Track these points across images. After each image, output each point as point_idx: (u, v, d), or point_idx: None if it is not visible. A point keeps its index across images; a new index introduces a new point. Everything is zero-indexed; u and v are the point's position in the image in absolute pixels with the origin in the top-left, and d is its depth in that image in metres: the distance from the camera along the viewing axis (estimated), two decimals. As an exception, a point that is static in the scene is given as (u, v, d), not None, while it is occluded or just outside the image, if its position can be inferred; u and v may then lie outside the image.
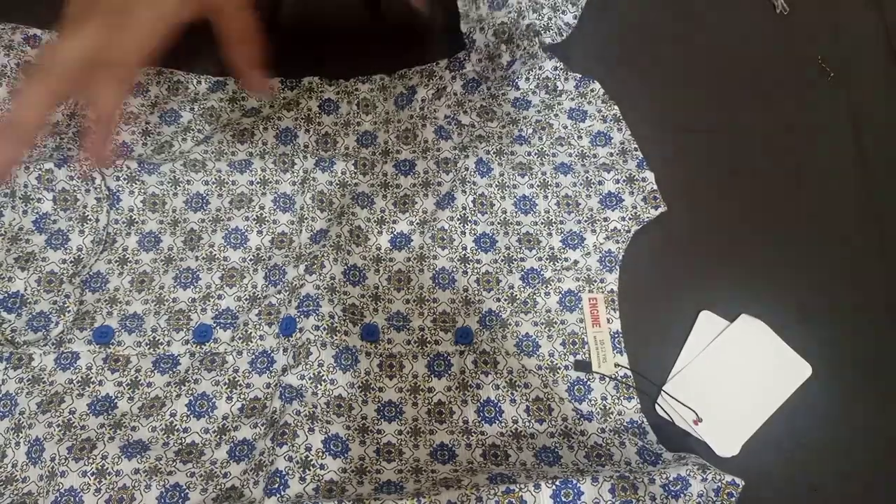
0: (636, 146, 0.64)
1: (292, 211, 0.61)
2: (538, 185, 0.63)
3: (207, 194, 0.61)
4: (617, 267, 0.60)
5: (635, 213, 0.62)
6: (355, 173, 0.63)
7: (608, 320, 0.58)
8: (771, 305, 0.59)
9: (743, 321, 0.58)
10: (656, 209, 0.62)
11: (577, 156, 0.65)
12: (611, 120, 0.66)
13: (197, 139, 0.63)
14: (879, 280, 0.61)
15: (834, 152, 0.66)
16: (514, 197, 0.63)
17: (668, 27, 0.71)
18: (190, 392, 0.54)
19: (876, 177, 0.65)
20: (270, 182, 0.62)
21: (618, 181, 0.63)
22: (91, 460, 0.51)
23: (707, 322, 0.58)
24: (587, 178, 0.63)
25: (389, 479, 0.51)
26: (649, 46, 0.70)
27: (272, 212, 0.61)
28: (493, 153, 0.64)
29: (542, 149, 0.65)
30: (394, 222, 0.61)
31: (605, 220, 0.62)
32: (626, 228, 0.61)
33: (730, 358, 0.57)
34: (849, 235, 0.63)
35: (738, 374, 0.57)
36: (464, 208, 0.62)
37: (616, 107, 0.66)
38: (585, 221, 0.62)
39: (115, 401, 0.54)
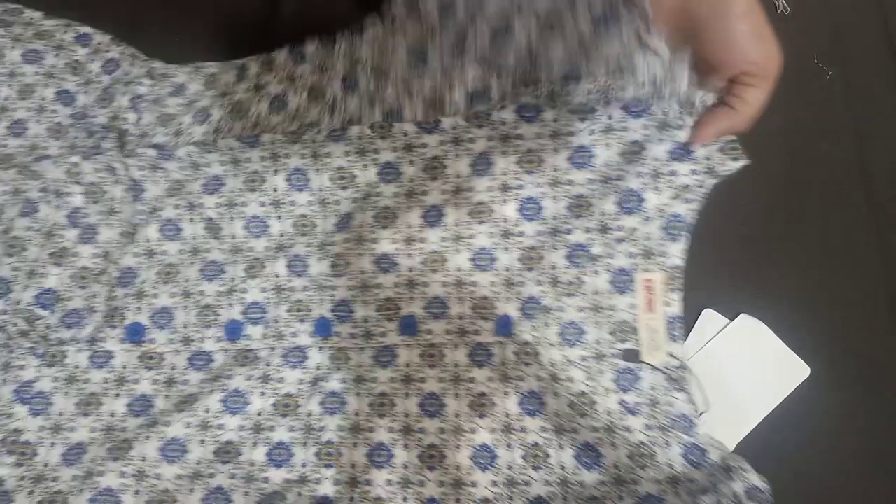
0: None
1: (309, 190, 0.58)
2: (601, 131, 0.54)
3: (224, 175, 0.59)
4: (685, 235, 0.53)
5: (709, 165, 0.53)
6: (373, 138, 0.57)
7: (666, 303, 0.52)
8: (770, 305, 0.58)
9: (742, 321, 0.57)
10: (735, 160, 0.53)
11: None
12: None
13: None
14: (879, 280, 0.60)
15: (834, 152, 0.64)
16: (569, 148, 0.54)
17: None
18: (223, 388, 0.53)
19: (876, 177, 0.63)
20: (279, 157, 0.58)
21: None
22: (129, 461, 0.51)
23: (709, 321, 0.57)
24: (664, 119, 0.53)
25: (432, 495, 0.51)
26: None
27: (287, 192, 0.58)
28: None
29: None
30: (423, 194, 0.56)
31: (672, 173, 0.53)
32: (699, 183, 0.53)
33: (728, 357, 0.56)
34: (849, 235, 0.61)
35: (736, 374, 0.55)
36: (504, 173, 0.56)
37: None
38: (648, 175, 0.53)
39: (153, 400, 0.54)
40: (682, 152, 0.53)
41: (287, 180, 0.58)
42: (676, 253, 0.53)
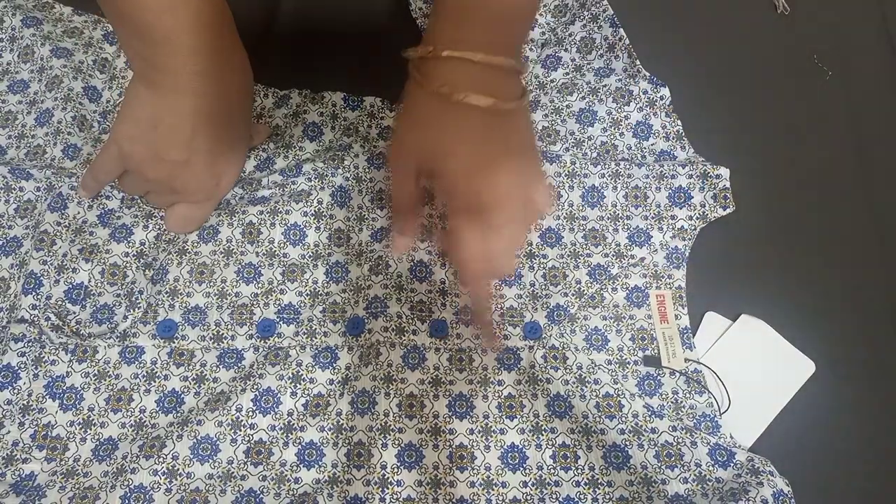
0: (703, 161, 0.63)
1: (348, 207, 0.61)
2: (609, 175, 0.62)
3: (270, 196, 0.61)
4: (684, 263, 0.59)
5: (703, 212, 0.60)
6: None
7: (676, 316, 0.57)
8: (771, 305, 0.59)
9: (743, 321, 0.58)
10: (725, 209, 0.60)
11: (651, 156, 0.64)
12: (673, 138, 0.64)
13: (259, 157, 0.63)
14: (879, 279, 0.61)
15: (834, 152, 0.66)
16: (583, 188, 0.61)
17: (667, 27, 0.71)
18: (255, 387, 0.54)
19: (876, 177, 0.65)
20: (326, 176, 0.61)
21: (691, 176, 0.61)
22: (161, 459, 0.51)
23: (712, 323, 0.59)
24: (661, 171, 0.62)
25: (462, 495, 0.52)
26: (648, 46, 0.68)
27: (329, 206, 0.60)
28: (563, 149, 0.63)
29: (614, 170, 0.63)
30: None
31: (673, 217, 0.60)
32: (693, 227, 0.60)
33: (734, 358, 0.57)
34: (849, 235, 0.62)
35: (743, 375, 0.56)
36: None
37: (679, 122, 0.64)
38: (652, 218, 0.61)
39: (182, 396, 0.54)
40: (682, 198, 0.61)
41: (332, 196, 0.61)
42: (679, 276, 0.59)
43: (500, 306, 0.57)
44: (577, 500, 0.52)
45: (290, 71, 0.66)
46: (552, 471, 0.53)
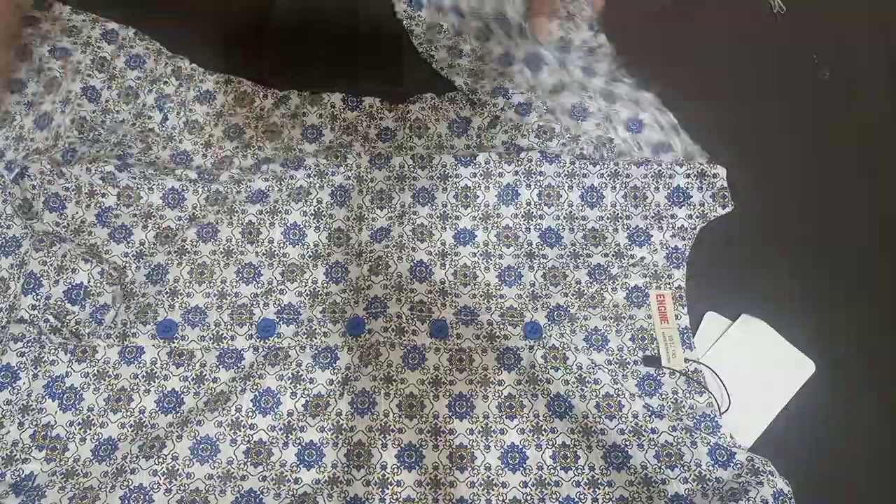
0: (701, 155, 0.63)
1: (348, 207, 0.61)
2: (608, 175, 0.62)
3: (268, 189, 0.61)
4: (684, 263, 0.59)
5: (702, 211, 0.60)
6: (413, 167, 0.62)
7: (676, 316, 0.57)
8: (771, 305, 0.59)
9: (743, 321, 0.58)
10: (724, 208, 0.60)
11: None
12: (668, 128, 0.64)
13: (258, 157, 0.63)
14: (879, 279, 0.61)
15: (833, 152, 0.66)
16: (582, 188, 0.62)
17: (665, 27, 0.70)
18: (255, 387, 0.54)
19: (876, 177, 0.65)
20: (326, 175, 0.61)
21: (689, 175, 0.61)
22: (161, 459, 0.51)
23: (712, 323, 0.59)
24: (658, 170, 0.61)
25: (462, 496, 0.51)
26: (647, 47, 0.68)
27: (329, 206, 0.60)
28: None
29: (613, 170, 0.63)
30: (456, 218, 0.61)
31: (673, 217, 0.60)
32: (693, 226, 0.60)
33: (734, 358, 0.57)
34: (849, 235, 0.62)
35: (744, 374, 0.56)
36: (528, 204, 0.61)
37: (669, 114, 0.64)
38: (652, 217, 0.61)
39: (182, 396, 0.54)
40: (681, 198, 0.61)
41: (331, 195, 0.61)
42: (679, 276, 0.59)
43: (500, 306, 0.57)
44: (577, 500, 0.52)
45: (290, 71, 0.67)
46: (552, 471, 0.53)
